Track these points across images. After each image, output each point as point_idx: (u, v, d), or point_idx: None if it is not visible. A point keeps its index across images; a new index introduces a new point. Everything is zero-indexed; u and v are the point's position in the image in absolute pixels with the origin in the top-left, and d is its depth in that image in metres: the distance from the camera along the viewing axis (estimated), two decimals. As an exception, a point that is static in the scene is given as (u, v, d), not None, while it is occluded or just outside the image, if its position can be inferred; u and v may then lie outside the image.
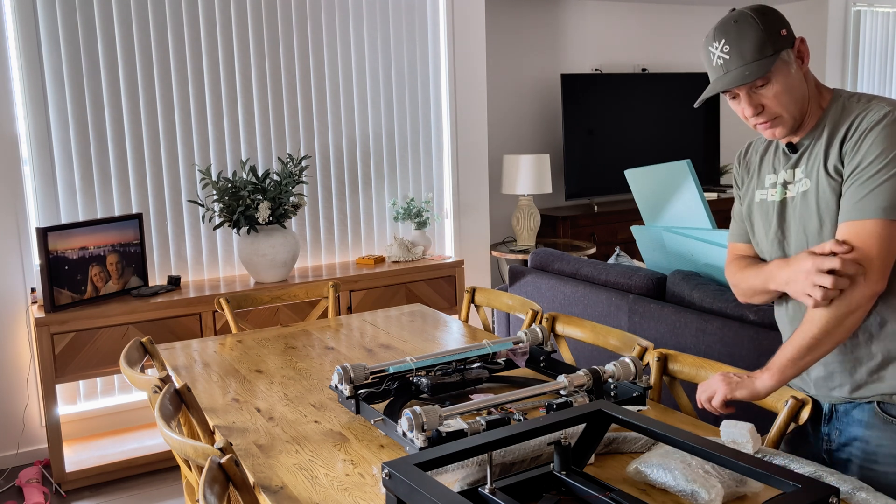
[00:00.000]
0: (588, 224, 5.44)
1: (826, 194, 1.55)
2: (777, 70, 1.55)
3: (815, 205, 1.58)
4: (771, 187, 1.69)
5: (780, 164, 1.68)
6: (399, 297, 3.99)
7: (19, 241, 3.46)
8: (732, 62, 1.56)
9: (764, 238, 1.71)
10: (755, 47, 1.54)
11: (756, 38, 1.54)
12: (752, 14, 1.56)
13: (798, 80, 1.57)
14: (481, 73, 4.52)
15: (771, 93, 1.56)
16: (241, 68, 3.90)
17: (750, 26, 1.55)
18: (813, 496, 1.11)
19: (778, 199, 1.67)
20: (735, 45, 1.56)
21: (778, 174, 1.68)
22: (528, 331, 2.16)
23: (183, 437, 1.59)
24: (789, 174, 1.65)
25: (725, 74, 1.57)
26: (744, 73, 1.54)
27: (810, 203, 1.59)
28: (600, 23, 5.84)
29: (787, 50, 1.56)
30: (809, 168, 1.60)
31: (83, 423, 3.69)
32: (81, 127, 3.57)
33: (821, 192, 1.56)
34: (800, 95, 1.57)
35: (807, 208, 1.59)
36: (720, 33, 1.58)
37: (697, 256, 3.06)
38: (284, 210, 3.66)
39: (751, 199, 1.76)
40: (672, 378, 2.02)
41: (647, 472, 1.45)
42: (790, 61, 1.56)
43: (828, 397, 1.63)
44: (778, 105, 1.56)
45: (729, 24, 1.58)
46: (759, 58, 1.54)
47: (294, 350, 2.48)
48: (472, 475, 1.43)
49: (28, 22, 3.41)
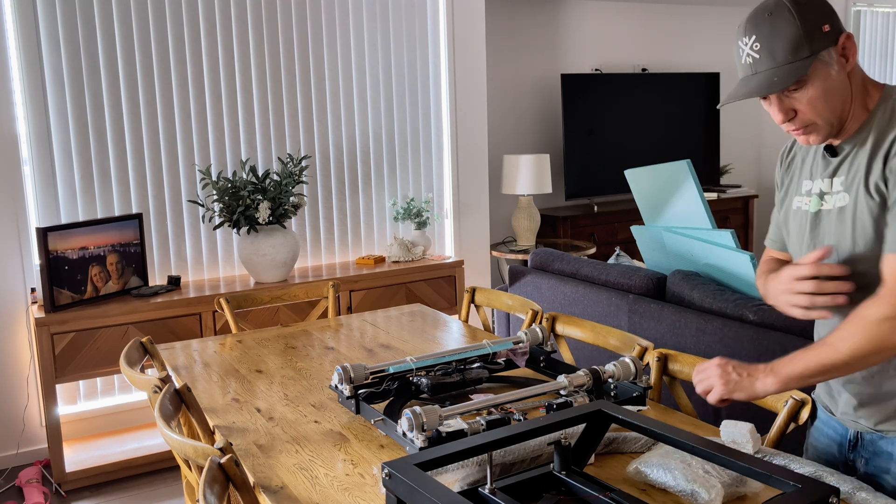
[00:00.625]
0: (588, 224, 5.44)
1: (863, 215, 1.38)
2: (814, 73, 1.35)
3: (850, 224, 1.41)
4: (806, 195, 1.51)
5: (819, 171, 1.49)
6: (399, 297, 3.99)
7: (19, 241, 3.46)
8: (762, 62, 1.37)
9: (798, 252, 1.56)
10: (789, 47, 1.34)
11: (791, 37, 1.34)
12: (790, 5, 1.35)
13: (839, 82, 1.37)
14: (481, 73, 4.52)
15: (805, 98, 1.37)
16: (241, 68, 3.90)
17: (785, 21, 1.35)
18: (813, 496, 1.11)
19: (812, 211, 1.49)
20: (766, 43, 1.36)
21: (814, 181, 1.50)
22: (528, 331, 2.16)
23: (183, 437, 1.59)
24: (826, 184, 1.47)
25: (753, 76, 1.39)
26: (771, 80, 1.35)
27: (846, 221, 1.42)
28: (600, 23, 5.84)
29: (828, 49, 1.35)
30: (849, 181, 1.42)
31: (83, 423, 3.69)
32: (81, 127, 3.57)
33: (858, 211, 1.39)
34: (839, 100, 1.38)
35: (842, 226, 1.43)
36: (751, 27, 1.39)
37: (697, 256, 3.06)
38: (284, 210, 3.66)
39: (789, 204, 1.58)
40: (672, 378, 2.02)
41: (647, 472, 1.45)
42: (831, 62, 1.36)
43: (854, 424, 1.52)
44: (812, 111, 1.38)
45: (762, 16, 1.37)
46: (792, 60, 1.34)
47: (294, 350, 2.48)
48: (472, 475, 1.43)
49: (28, 22, 3.41)
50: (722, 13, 6.42)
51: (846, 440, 1.54)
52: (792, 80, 1.33)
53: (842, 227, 1.43)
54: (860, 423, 1.50)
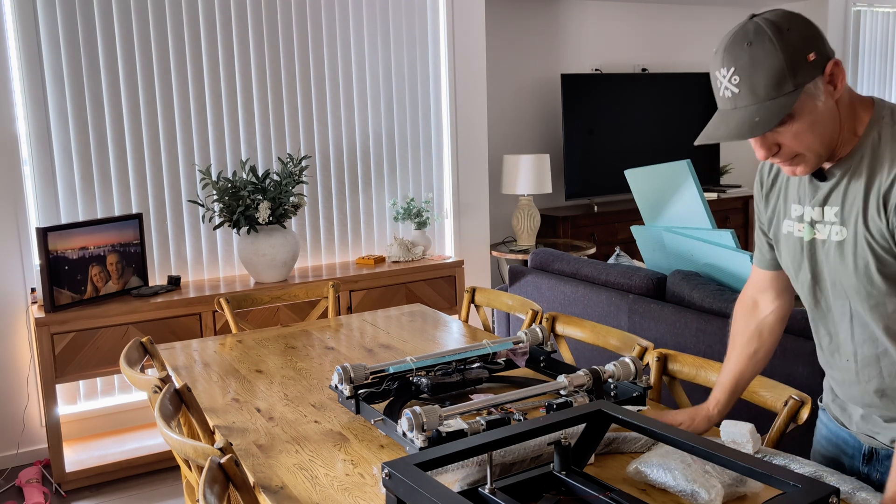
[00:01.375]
0: (588, 224, 5.44)
1: (865, 253, 1.30)
2: (799, 108, 1.24)
3: (852, 262, 1.33)
4: (797, 220, 1.42)
5: (807, 196, 1.39)
6: (399, 297, 3.99)
7: (19, 241, 3.46)
8: (742, 97, 1.25)
9: (795, 280, 1.48)
10: (771, 82, 1.22)
11: (773, 70, 1.22)
12: (771, 33, 1.22)
13: (827, 112, 1.26)
14: (481, 73, 4.52)
15: (790, 132, 1.27)
16: (241, 68, 3.90)
17: (766, 52, 1.22)
18: (813, 496, 1.11)
19: (807, 239, 1.41)
20: (746, 77, 1.24)
21: (804, 207, 1.40)
22: (528, 331, 2.16)
23: (183, 437, 1.59)
24: (818, 212, 1.37)
25: (733, 111, 1.27)
26: (753, 120, 1.24)
27: (847, 258, 1.33)
28: (600, 23, 5.84)
29: (814, 80, 1.24)
30: (846, 214, 1.32)
31: (83, 423, 3.69)
32: (81, 127, 3.57)
33: (860, 249, 1.31)
34: (828, 130, 1.28)
35: (843, 263, 1.34)
36: (729, 57, 1.26)
37: (697, 256, 3.06)
38: (284, 210, 3.66)
39: (778, 227, 1.49)
40: (672, 378, 2.02)
41: (647, 472, 1.45)
42: (817, 93, 1.25)
43: (870, 440, 1.48)
44: (798, 145, 1.28)
45: (740, 45, 1.25)
46: (775, 96, 1.23)
47: (294, 350, 2.48)
48: (472, 475, 1.43)
49: (28, 22, 3.41)
50: (722, 13, 6.42)
51: (860, 454, 1.52)
52: (776, 121, 1.22)
53: (843, 265, 1.35)
54: (877, 439, 1.47)
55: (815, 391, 2.20)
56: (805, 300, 1.51)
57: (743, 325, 1.67)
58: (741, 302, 1.69)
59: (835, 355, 1.48)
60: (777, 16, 1.26)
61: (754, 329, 1.65)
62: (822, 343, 1.52)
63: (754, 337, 1.65)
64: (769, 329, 1.65)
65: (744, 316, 1.68)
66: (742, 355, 1.67)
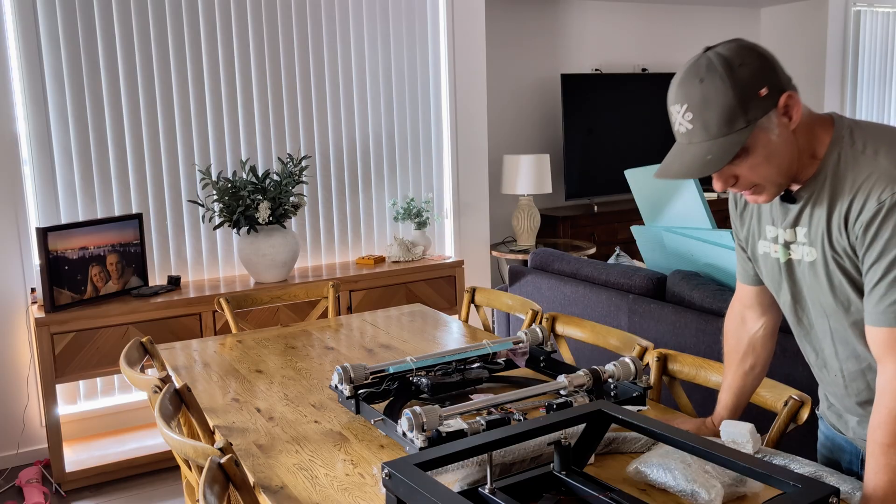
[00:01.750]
0: (588, 224, 5.44)
1: (836, 273, 1.33)
2: (753, 142, 1.26)
3: (826, 281, 1.35)
4: (773, 241, 1.45)
5: (779, 218, 1.42)
6: (399, 297, 3.99)
7: (19, 241, 3.46)
8: (696, 133, 1.27)
9: (777, 294, 1.51)
10: (722, 120, 1.24)
11: (724, 108, 1.23)
12: (722, 69, 1.24)
13: (783, 143, 1.28)
14: (481, 73, 4.52)
15: (746, 165, 1.28)
16: (241, 68, 3.90)
17: (717, 90, 1.23)
18: (813, 496, 1.11)
19: (783, 260, 1.43)
20: (698, 114, 1.25)
21: (777, 228, 1.43)
22: (528, 331, 2.16)
23: (183, 437, 1.59)
24: (790, 234, 1.40)
25: (689, 145, 1.29)
26: (705, 158, 1.25)
27: (820, 277, 1.36)
28: (600, 23, 5.84)
29: (767, 115, 1.25)
30: (813, 235, 1.35)
31: (83, 423, 3.69)
32: (81, 127, 3.57)
33: (830, 269, 1.34)
34: (785, 160, 1.29)
35: (817, 282, 1.37)
36: (682, 94, 1.27)
37: (697, 256, 3.06)
38: (284, 210, 3.66)
39: (755, 247, 1.52)
40: (672, 378, 2.02)
41: (647, 472, 1.45)
42: (771, 127, 1.26)
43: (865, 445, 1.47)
44: (755, 176, 1.30)
45: (692, 82, 1.26)
46: (727, 132, 1.24)
47: (294, 350, 2.48)
48: (472, 475, 1.43)
49: (28, 22, 3.41)
50: (722, 13, 6.42)
51: (858, 459, 1.53)
52: (727, 159, 1.23)
53: (817, 284, 1.38)
54: None
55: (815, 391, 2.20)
56: (788, 318, 1.52)
57: (735, 341, 1.68)
58: (730, 318, 1.70)
59: (823, 371, 1.50)
60: (730, 50, 1.26)
61: (747, 345, 1.66)
62: (809, 359, 1.54)
63: (748, 353, 1.66)
64: (762, 343, 1.66)
65: (735, 333, 1.69)
66: (738, 373, 1.68)
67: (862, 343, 1.38)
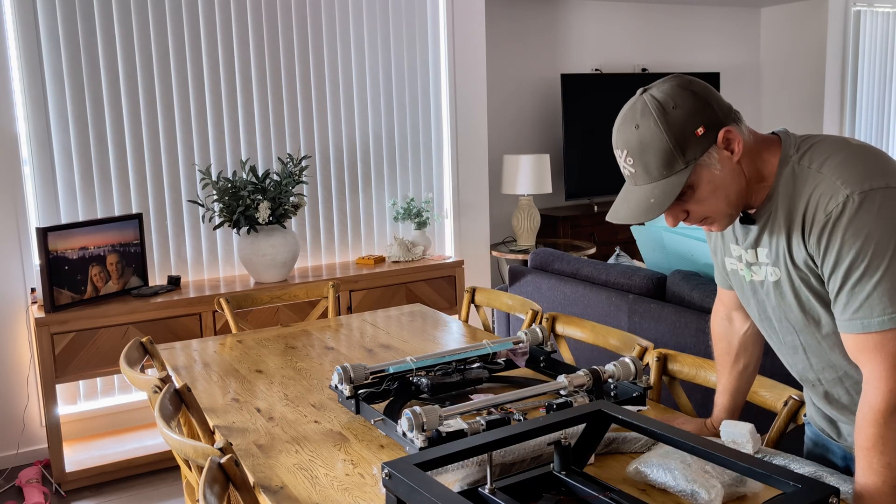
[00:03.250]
0: (588, 224, 5.44)
1: (803, 290, 1.34)
2: (696, 179, 1.29)
3: (793, 300, 1.37)
4: (737, 260, 1.46)
5: (741, 237, 1.43)
6: (399, 297, 3.99)
7: (19, 241, 3.46)
8: (639, 177, 1.30)
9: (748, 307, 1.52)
10: (661, 163, 1.27)
11: (661, 153, 1.26)
12: (656, 115, 1.26)
13: (727, 174, 1.30)
14: (481, 73, 4.52)
15: (693, 200, 1.31)
16: (241, 68, 3.90)
17: (652, 135, 1.26)
18: (813, 496, 1.11)
19: (748, 279, 1.46)
20: (639, 159, 1.29)
21: (740, 248, 1.44)
22: (528, 331, 2.16)
23: (183, 437, 1.59)
24: (751, 255, 1.41)
25: (634, 188, 1.32)
26: (648, 201, 1.28)
27: (787, 297, 1.38)
28: (600, 23, 5.84)
29: (707, 152, 1.27)
30: (775, 256, 1.36)
31: (83, 423, 3.69)
32: (81, 127, 3.57)
33: (796, 286, 1.35)
34: (733, 190, 1.31)
35: (783, 301, 1.39)
36: (622, 140, 1.31)
37: (697, 256, 3.06)
38: (284, 210, 3.66)
39: (722, 263, 1.54)
40: (672, 378, 2.02)
41: (647, 472, 1.45)
42: (712, 162, 1.28)
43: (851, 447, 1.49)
44: (703, 210, 1.33)
45: (629, 128, 1.29)
46: (667, 175, 1.27)
47: (294, 350, 2.48)
48: (472, 475, 1.43)
49: (28, 22, 3.41)
50: (722, 13, 6.42)
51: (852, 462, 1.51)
52: (670, 200, 1.27)
53: (784, 302, 1.39)
54: None
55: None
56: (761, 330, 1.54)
57: (725, 344, 1.69)
58: (717, 321, 1.71)
59: (803, 380, 1.51)
60: (663, 92, 1.28)
61: (738, 346, 1.67)
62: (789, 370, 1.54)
63: (741, 354, 1.67)
64: (752, 341, 1.67)
65: (724, 335, 1.69)
66: (733, 374, 1.68)
67: (835, 354, 1.38)
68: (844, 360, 1.38)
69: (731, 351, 1.67)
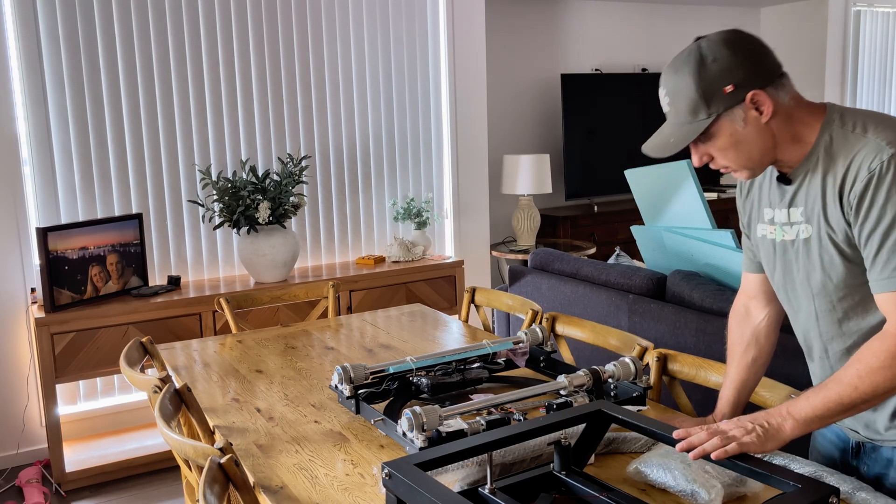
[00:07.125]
0: (588, 224, 5.44)
1: (829, 249, 1.39)
2: (717, 130, 1.37)
3: (818, 257, 1.41)
4: (769, 223, 1.51)
5: (776, 199, 1.49)
6: (399, 297, 3.99)
7: (19, 241, 3.46)
8: (671, 115, 1.42)
9: (770, 279, 1.57)
10: (687, 108, 1.37)
11: (689, 98, 1.36)
12: (695, 63, 1.35)
13: (752, 133, 1.37)
14: (481, 73, 4.52)
15: (714, 147, 1.40)
16: (241, 68, 3.90)
17: (685, 83, 1.36)
18: (813, 496, 1.11)
19: (778, 240, 1.49)
20: (672, 99, 1.40)
21: (774, 210, 1.49)
22: (528, 331, 2.16)
23: (183, 437, 1.59)
24: (784, 214, 1.46)
25: (666, 125, 1.44)
26: (668, 140, 1.40)
27: (812, 254, 1.42)
28: (600, 23, 5.84)
29: (730, 109, 1.35)
30: (809, 211, 1.41)
31: (83, 423, 3.69)
32: (81, 127, 3.57)
33: (823, 244, 1.39)
34: (756, 149, 1.38)
35: (809, 259, 1.43)
36: (665, 78, 1.42)
37: (697, 256, 3.06)
38: (284, 210, 3.66)
39: (754, 231, 1.58)
40: (672, 378, 2.02)
41: (647, 472, 1.45)
42: (736, 119, 1.36)
43: (855, 435, 1.53)
44: (724, 159, 1.41)
45: (673, 70, 1.40)
46: (690, 121, 1.38)
47: (294, 350, 2.48)
48: (472, 475, 1.43)
49: (28, 22, 3.41)
50: (722, 13, 6.42)
51: (849, 447, 1.56)
52: (685, 143, 1.37)
53: (809, 261, 1.43)
54: (860, 434, 1.52)
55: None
56: (780, 299, 1.57)
57: (738, 334, 1.70)
58: (734, 312, 1.72)
59: (811, 354, 1.54)
60: (711, 43, 1.36)
61: (750, 337, 1.68)
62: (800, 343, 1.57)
63: (751, 345, 1.68)
64: (765, 335, 1.67)
65: (738, 325, 1.70)
66: (741, 365, 1.69)
67: (847, 321, 1.42)
68: (855, 328, 1.41)
69: (743, 341, 1.68)
